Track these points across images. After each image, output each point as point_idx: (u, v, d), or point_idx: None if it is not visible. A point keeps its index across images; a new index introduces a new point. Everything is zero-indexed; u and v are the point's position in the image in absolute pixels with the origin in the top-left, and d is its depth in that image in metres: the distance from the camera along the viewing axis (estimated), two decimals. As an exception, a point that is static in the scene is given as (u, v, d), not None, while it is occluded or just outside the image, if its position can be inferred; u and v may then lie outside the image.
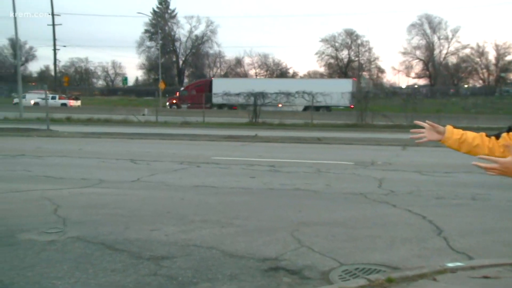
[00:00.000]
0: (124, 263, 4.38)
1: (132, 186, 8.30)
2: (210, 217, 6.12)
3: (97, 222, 5.80)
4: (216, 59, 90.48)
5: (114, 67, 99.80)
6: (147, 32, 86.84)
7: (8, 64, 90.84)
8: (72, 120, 28.52)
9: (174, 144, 16.34)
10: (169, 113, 33.40)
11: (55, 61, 66.78)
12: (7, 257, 4.48)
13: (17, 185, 8.04)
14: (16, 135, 18.76)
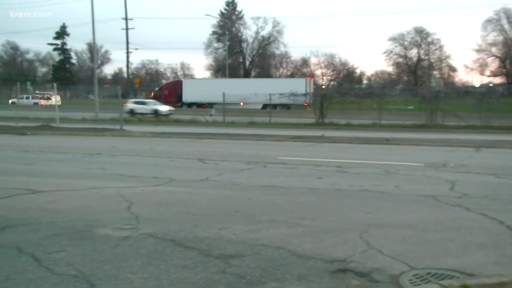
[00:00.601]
0: (194, 260, 4.49)
1: (201, 185, 8.48)
2: (277, 217, 6.15)
3: (168, 219, 5.97)
4: (282, 59, 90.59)
5: (183, 68, 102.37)
6: (214, 33, 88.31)
7: (86, 67, 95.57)
8: (143, 120, 29.52)
9: (241, 144, 16.54)
10: (235, 114, 33.79)
11: (127, 63, 69.37)
12: (86, 250, 4.72)
13: (94, 182, 8.44)
14: (93, 134, 19.69)
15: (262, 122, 28.15)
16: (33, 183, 8.25)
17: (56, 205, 6.64)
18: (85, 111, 33.20)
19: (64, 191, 7.64)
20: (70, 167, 10.45)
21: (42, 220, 5.82)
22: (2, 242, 4.95)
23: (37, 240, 5.02)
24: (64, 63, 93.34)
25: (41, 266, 4.27)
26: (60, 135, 19.61)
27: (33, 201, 6.93)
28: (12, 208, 6.45)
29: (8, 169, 10.03)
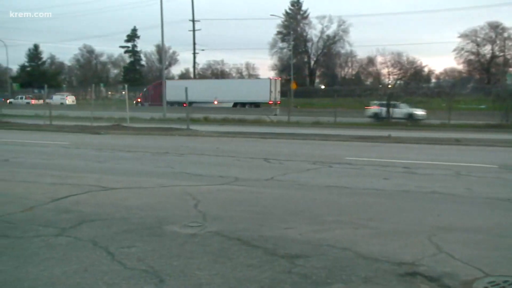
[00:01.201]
0: (260, 259, 4.53)
1: (266, 184, 8.54)
2: (343, 217, 6.09)
3: (234, 218, 6.06)
4: (347, 58, 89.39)
5: (248, 68, 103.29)
6: (279, 33, 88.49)
7: (154, 68, 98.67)
8: (209, 120, 30.07)
9: (305, 143, 16.49)
10: (300, 113, 33.75)
11: (194, 64, 70.77)
12: (156, 246, 4.87)
13: (163, 180, 8.70)
14: (161, 134, 20.28)
15: (327, 122, 27.92)
16: (106, 180, 8.62)
17: (127, 202, 6.90)
18: (154, 111, 34.24)
19: (134, 189, 7.93)
20: (140, 166, 10.83)
21: (114, 216, 6.07)
22: (79, 235, 5.21)
23: (110, 235, 5.24)
24: (134, 65, 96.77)
25: (114, 260, 4.46)
26: (130, 135, 20.34)
27: (106, 197, 7.24)
28: (88, 203, 6.77)
29: (83, 167, 10.53)
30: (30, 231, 5.39)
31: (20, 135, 19.91)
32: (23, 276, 4.09)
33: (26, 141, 16.86)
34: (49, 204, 6.71)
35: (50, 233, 5.31)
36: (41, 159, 11.95)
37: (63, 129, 22.72)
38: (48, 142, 16.53)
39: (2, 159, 11.75)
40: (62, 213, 6.19)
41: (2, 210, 6.36)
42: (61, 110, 35.55)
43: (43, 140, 17.31)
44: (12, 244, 4.94)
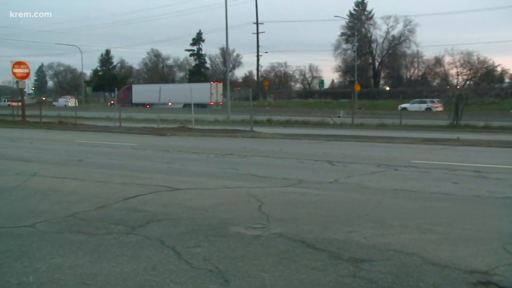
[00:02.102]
0: (324, 262, 4.50)
1: (329, 187, 8.47)
2: (409, 222, 5.94)
3: (298, 220, 6.05)
4: (413, 59, 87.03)
5: (311, 70, 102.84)
6: (343, 35, 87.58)
7: (218, 71, 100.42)
8: (272, 122, 30.16)
9: (370, 146, 16.21)
10: (364, 115, 33.23)
11: (257, 66, 71.51)
12: (221, 246, 4.95)
13: (227, 181, 8.83)
14: (225, 136, 20.58)
15: (392, 124, 27.30)
16: (173, 181, 8.85)
17: (193, 203, 7.05)
18: (217, 113, 34.80)
19: (200, 189, 8.10)
20: (205, 167, 11.03)
21: (181, 216, 6.22)
22: (148, 234, 5.39)
23: (177, 235, 5.38)
24: (199, 68, 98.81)
25: (181, 259, 4.57)
26: (195, 136, 20.77)
27: (173, 197, 7.44)
28: (155, 203, 6.98)
29: (151, 167, 10.87)
30: (103, 229, 5.63)
31: (92, 137, 20.82)
32: (96, 271, 4.29)
33: (97, 142, 17.61)
34: (119, 203, 6.98)
35: (120, 231, 5.52)
36: (111, 159, 12.45)
37: (131, 131, 23.54)
38: (117, 144, 17.20)
39: (77, 159, 12.34)
40: (131, 212, 6.42)
41: (78, 207, 6.68)
42: (129, 112, 36.82)
43: (113, 142, 18.03)
44: (87, 240, 5.18)
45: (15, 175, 9.59)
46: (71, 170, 10.35)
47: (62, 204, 6.96)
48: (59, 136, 21.14)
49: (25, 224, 5.85)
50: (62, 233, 5.47)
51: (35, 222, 5.95)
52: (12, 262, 4.53)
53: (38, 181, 8.97)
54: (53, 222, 5.94)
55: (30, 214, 6.37)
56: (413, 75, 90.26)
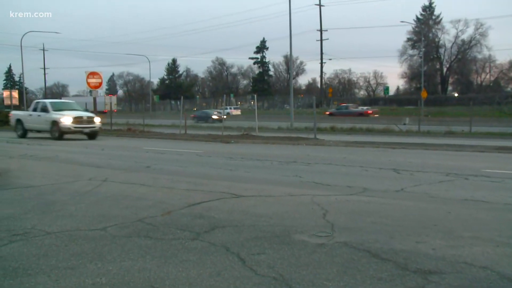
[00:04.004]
0: (390, 273, 4.40)
1: (395, 195, 8.28)
2: (481, 233, 5.69)
3: (362, 229, 5.95)
4: (485, 64, 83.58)
5: (376, 77, 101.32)
6: (409, 40, 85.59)
7: (282, 78, 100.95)
8: (336, 129, 29.90)
9: (437, 154, 15.71)
10: (431, 123, 32.26)
11: (321, 73, 71.13)
12: (285, 254, 4.95)
13: (291, 189, 8.82)
14: (288, 143, 20.60)
15: (461, 131, 26.34)
16: (236, 187, 8.96)
17: (256, 210, 7.10)
18: (281, 121, 34.91)
19: (263, 197, 8.14)
20: (268, 174, 11.08)
21: (245, 223, 6.28)
22: (213, 240, 5.48)
23: (241, 241, 5.43)
24: (263, 75, 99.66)
25: (245, 266, 4.61)
26: (259, 143, 20.93)
27: (237, 204, 7.52)
28: (220, 210, 7.09)
29: (215, 174, 11.05)
30: (169, 234, 5.78)
31: (159, 144, 21.47)
32: (164, 275, 4.40)
33: (164, 149, 18.13)
34: (185, 209, 7.14)
35: (186, 237, 5.65)
36: (177, 166, 12.77)
37: (196, 138, 24.08)
38: (183, 151, 17.63)
39: (145, 165, 12.76)
40: (196, 218, 6.55)
41: (146, 213, 6.90)
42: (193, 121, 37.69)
43: (178, 149, 18.50)
44: (154, 245, 5.33)
45: (88, 180, 10.04)
46: (139, 176, 10.71)
47: (131, 209, 7.21)
48: (128, 143, 21.95)
49: (97, 228, 6.11)
50: (131, 237, 5.66)
51: (106, 226, 6.20)
52: (87, 263, 4.74)
53: (108, 187, 9.34)
54: (122, 227, 6.16)
55: (101, 218, 6.64)
56: (484, 81, 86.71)
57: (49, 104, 25.76)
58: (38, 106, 25.91)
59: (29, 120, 25.71)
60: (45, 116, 24.48)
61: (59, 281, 4.29)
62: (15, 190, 9.03)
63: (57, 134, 23.67)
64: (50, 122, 23.95)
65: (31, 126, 25.79)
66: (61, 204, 7.67)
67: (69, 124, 23.57)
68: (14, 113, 28.75)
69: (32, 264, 4.74)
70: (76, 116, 24.04)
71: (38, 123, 25.10)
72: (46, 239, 5.63)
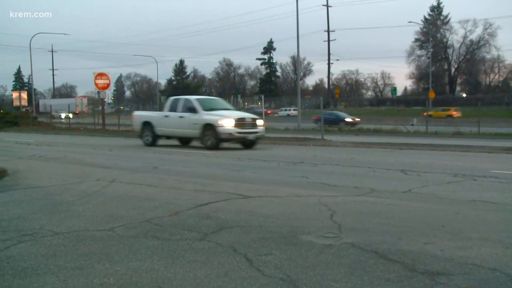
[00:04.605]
0: (398, 274, 4.38)
1: (403, 196, 8.25)
2: (490, 235, 5.66)
3: (370, 230, 5.93)
4: (493, 64, 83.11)
5: (383, 77, 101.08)
6: (417, 41, 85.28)
7: (289, 79, 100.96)
8: (343, 130, 29.86)
9: (445, 155, 15.64)
10: (439, 123, 32.13)
11: (328, 74, 71.00)
12: (292, 255, 4.95)
13: (297, 190, 8.82)
14: (295, 144, 20.59)
15: (469, 132, 26.22)
16: (244, 188, 8.96)
17: (263, 210, 7.09)
18: (288, 121, 34.88)
19: (270, 197, 8.14)
20: (275, 175, 11.08)
21: (252, 224, 6.28)
22: (220, 241, 5.48)
23: (248, 242, 5.43)
24: (270, 76, 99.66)
25: (252, 267, 4.61)
26: (266, 144, 20.92)
27: (244, 205, 7.52)
28: (227, 210, 7.09)
29: (222, 175, 11.06)
30: (176, 234, 5.80)
31: (166, 144, 21.50)
32: (171, 275, 4.42)
33: (171, 150, 18.19)
34: (192, 210, 7.15)
35: (193, 237, 5.66)
36: (184, 167, 12.79)
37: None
38: (190, 151, 17.67)
39: (152, 166, 12.80)
40: (203, 219, 6.56)
41: (153, 213, 6.92)
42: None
43: (186, 149, 18.53)
44: (162, 246, 5.35)
45: (96, 181, 10.09)
46: (146, 177, 10.74)
47: (138, 209, 7.23)
48: (135, 144, 22.00)
49: (105, 228, 6.14)
50: (138, 238, 5.68)
51: (114, 226, 6.22)
52: (94, 264, 4.76)
53: (116, 187, 9.38)
54: (130, 227, 6.18)
55: (109, 218, 6.67)
56: (493, 81, 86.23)
57: (197, 101, 19.37)
58: (178, 104, 19.71)
59: (165, 123, 19.72)
60: (191, 118, 18.57)
61: (67, 281, 4.31)
62: (23, 191, 9.09)
63: (212, 142, 18.00)
64: (201, 126, 18.17)
65: (168, 131, 19.79)
66: (69, 204, 7.72)
67: (231, 129, 17.78)
68: (140, 114, 22.73)
69: (40, 264, 4.77)
70: (239, 117, 18.36)
71: (180, 127, 19.16)
72: (54, 239, 5.66)
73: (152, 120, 20.40)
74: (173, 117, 19.32)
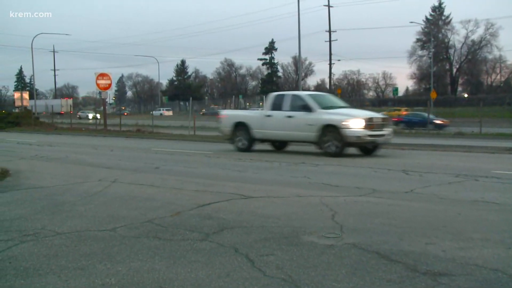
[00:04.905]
0: (400, 275, 4.38)
1: (404, 197, 8.24)
2: (492, 235, 5.65)
3: (371, 230, 5.93)
4: (495, 64, 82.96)
5: (385, 78, 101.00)
6: (418, 41, 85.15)
7: (291, 79, 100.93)
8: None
9: (447, 155, 15.62)
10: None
11: (330, 74, 70.91)
12: (293, 256, 4.95)
13: (299, 190, 8.81)
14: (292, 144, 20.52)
15: (471, 132, 26.20)
16: (245, 188, 8.96)
17: (265, 211, 7.09)
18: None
19: (272, 198, 8.14)
20: (277, 175, 11.08)
21: (253, 224, 6.28)
22: (222, 241, 5.48)
23: (249, 242, 5.43)
24: (271, 76, 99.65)
25: (254, 267, 4.62)
26: (267, 144, 20.89)
27: (245, 205, 7.52)
28: (229, 211, 7.09)
29: (224, 175, 11.06)
30: (178, 235, 5.80)
31: (168, 144, 21.53)
32: (173, 276, 4.42)
33: (172, 150, 18.19)
34: (194, 210, 7.15)
35: (195, 238, 5.66)
36: (186, 167, 12.80)
37: (205, 139, 24.11)
38: (192, 151, 17.68)
39: (154, 166, 12.81)
40: (205, 219, 6.56)
41: (155, 214, 6.93)
42: (202, 121, 37.78)
43: (187, 149, 18.54)
44: (163, 246, 5.35)
45: (98, 181, 10.10)
46: (148, 177, 10.75)
47: (140, 210, 7.23)
48: (137, 144, 22.04)
49: (106, 228, 6.14)
50: (140, 238, 5.68)
51: (116, 226, 6.23)
52: (96, 264, 4.77)
53: (118, 187, 9.39)
54: (131, 227, 6.19)
55: (111, 218, 6.68)
56: (494, 81, 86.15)
57: (310, 98, 16.13)
58: (283, 101, 16.49)
59: (267, 125, 16.54)
60: (305, 118, 15.47)
61: (69, 282, 4.32)
62: (25, 191, 9.10)
63: (335, 147, 14.90)
64: (319, 128, 15.04)
65: (271, 133, 16.63)
66: (71, 204, 7.73)
67: (360, 131, 14.64)
68: (231, 113, 19.64)
69: (42, 264, 4.77)
70: (368, 117, 15.23)
71: (288, 129, 15.99)
72: (56, 240, 5.67)
73: (248, 120, 17.16)
74: (279, 117, 16.20)
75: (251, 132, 16.91)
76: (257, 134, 16.84)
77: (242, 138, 17.19)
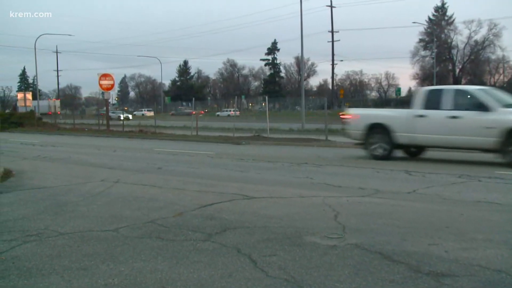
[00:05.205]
0: (403, 275, 4.37)
1: (407, 197, 8.23)
2: (495, 236, 5.64)
3: (374, 231, 5.92)
4: (498, 64, 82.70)
5: (387, 78, 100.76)
6: (421, 41, 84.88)
7: (293, 80, 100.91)
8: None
9: (449, 156, 15.57)
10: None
11: (332, 75, 70.97)
12: (296, 256, 4.95)
13: (302, 190, 8.81)
14: (299, 144, 20.56)
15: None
16: (248, 189, 8.96)
17: (268, 211, 7.09)
18: (292, 122, 34.85)
19: (274, 198, 8.14)
20: (279, 176, 11.07)
21: (256, 224, 6.28)
22: (224, 242, 5.48)
23: (252, 243, 5.43)
24: (274, 77, 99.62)
25: (256, 268, 4.61)
26: (270, 145, 20.93)
27: (247, 206, 7.52)
28: (231, 211, 7.10)
29: (226, 176, 11.06)
30: (181, 235, 5.80)
31: (170, 145, 21.55)
32: (176, 276, 4.42)
33: (175, 151, 18.20)
34: (196, 211, 7.16)
35: (198, 238, 5.66)
36: (188, 167, 12.80)
37: (207, 140, 24.12)
38: (194, 152, 17.68)
39: (156, 167, 12.82)
40: (208, 220, 6.57)
41: (157, 214, 6.94)
42: (205, 122, 37.81)
43: (190, 150, 18.56)
44: (166, 246, 5.35)
45: (100, 181, 10.11)
46: (150, 178, 10.76)
47: (143, 210, 7.24)
48: (139, 145, 22.07)
49: (109, 229, 6.15)
50: (142, 238, 5.69)
51: (118, 227, 6.24)
52: (99, 264, 4.78)
53: (120, 188, 9.40)
54: (134, 228, 6.19)
55: (113, 219, 6.69)
56: (498, 82, 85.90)
57: (486, 94, 12.96)
58: (443, 97, 13.30)
59: (418, 127, 13.41)
60: (481, 119, 12.34)
61: (72, 282, 4.32)
62: (28, 191, 9.13)
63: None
64: (503, 132, 11.94)
65: (424, 138, 13.47)
66: (74, 205, 7.74)
67: None
68: (365, 113, 16.29)
69: (45, 265, 4.78)
70: None
71: (453, 133, 12.76)
72: (59, 240, 5.68)
73: (389, 122, 14.03)
74: (437, 118, 13.09)
75: (392, 135, 13.83)
76: (402, 138, 13.71)
77: (380, 143, 14.10)
